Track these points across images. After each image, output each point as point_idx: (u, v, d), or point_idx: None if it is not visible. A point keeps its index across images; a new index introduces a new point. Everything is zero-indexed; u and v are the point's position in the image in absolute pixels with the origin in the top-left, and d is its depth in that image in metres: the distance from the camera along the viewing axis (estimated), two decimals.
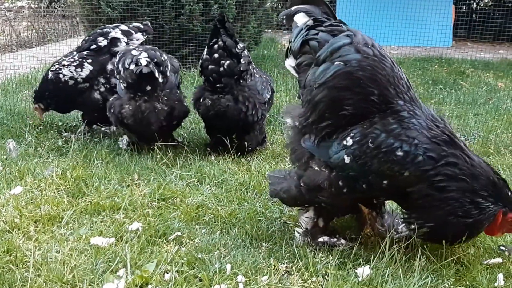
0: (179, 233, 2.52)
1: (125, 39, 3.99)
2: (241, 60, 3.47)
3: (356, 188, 2.25)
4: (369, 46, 2.29)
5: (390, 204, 2.70)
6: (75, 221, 2.69)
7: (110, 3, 5.93)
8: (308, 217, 2.46)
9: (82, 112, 4.20)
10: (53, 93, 4.00)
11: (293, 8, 2.43)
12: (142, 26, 4.13)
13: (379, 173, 2.17)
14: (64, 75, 3.91)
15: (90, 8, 6.15)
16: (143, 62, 3.36)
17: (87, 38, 4.13)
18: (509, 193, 2.18)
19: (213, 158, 3.65)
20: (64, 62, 3.94)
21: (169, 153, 3.59)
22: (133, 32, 4.02)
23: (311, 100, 2.34)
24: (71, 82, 3.92)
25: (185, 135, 4.03)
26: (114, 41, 3.97)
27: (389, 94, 2.25)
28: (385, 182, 2.19)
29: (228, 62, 3.43)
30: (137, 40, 4.03)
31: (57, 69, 3.94)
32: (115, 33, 3.96)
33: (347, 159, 2.22)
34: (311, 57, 2.36)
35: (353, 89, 2.25)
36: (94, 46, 3.97)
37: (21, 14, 10.98)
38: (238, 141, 3.70)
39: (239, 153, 3.66)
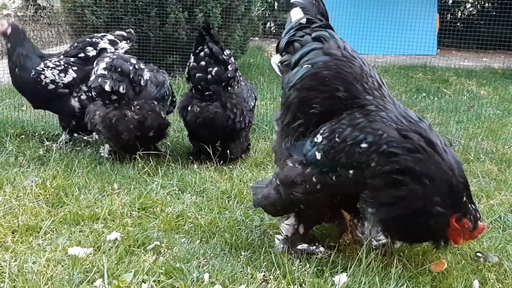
0: (158, 243, 2.51)
1: (112, 49, 4.00)
2: (229, 66, 3.48)
3: (327, 182, 2.26)
4: (339, 49, 2.37)
5: None
6: (54, 231, 2.66)
7: (94, 11, 5.93)
8: (289, 224, 2.47)
9: (59, 119, 4.16)
10: (31, 90, 3.95)
11: (292, 0, 2.48)
12: (125, 34, 4.13)
13: (347, 166, 2.20)
14: (46, 77, 3.88)
15: (75, 17, 6.14)
16: (104, 79, 3.39)
17: (75, 45, 4.11)
18: (465, 199, 2.16)
19: (195, 166, 3.65)
20: (50, 64, 3.91)
21: (151, 162, 3.59)
22: (118, 41, 4.03)
23: (285, 102, 2.46)
24: (51, 86, 3.89)
25: (168, 143, 4.02)
26: (102, 52, 3.97)
27: (356, 90, 2.32)
28: (350, 172, 2.20)
29: (216, 69, 3.44)
30: (121, 48, 4.03)
31: (41, 69, 3.90)
32: (104, 44, 3.96)
33: (318, 155, 2.27)
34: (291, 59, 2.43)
35: (319, 88, 2.35)
36: (82, 55, 3.96)
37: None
38: (223, 149, 3.73)
39: (222, 161, 3.68)
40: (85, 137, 4.14)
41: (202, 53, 3.44)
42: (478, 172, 3.59)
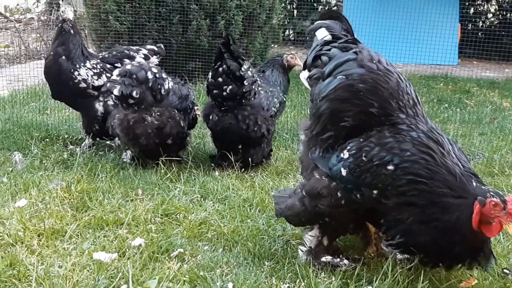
0: (182, 250, 2.52)
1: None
2: (245, 81, 3.54)
3: (352, 199, 2.25)
4: (374, 62, 2.34)
5: None
6: (79, 235, 2.69)
7: (118, 18, 6.01)
8: (313, 235, 2.46)
9: (82, 123, 4.21)
10: (62, 80, 3.99)
11: (317, 23, 2.52)
12: (156, 49, 4.22)
13: (372, 186, 2.17)
14: (79, 74, 3.95)
15: (99, 22, 6.23)
16: (113, 84, 3.52)
17: (114, 53, 4.19)
18: (477, 184, 2.11)
19: (217, 173, 3.66)
20: (88, 64, 3.99)
21: (173, 168, 3.61)
22: (149, 56, 4.11)
23: (315, 113, 2.42)
24: (82, 84, 3.96)
25: (190, 150, 4.04)
26: None
27: (390, 107, 2.27)
28: (375, 192, 2.18)
29: (231, 87, 3.53)
30: (151, 63, 4.10)
31: (79, 66, 3.96)
32: (139, 58, 4.04)
33: (343, 172, 2.25)
34: (321, 71, 2.42)
35: (352, 101, 2.30)
36: (118, 65, 4.02)
37: (30, 26, 11.12)
38: (243, 155, 3.78)
39: (243, 168, 3.70)
40: (107, 142, 4.19)
41: (220, 69, 3.53)
42: (503, 186, 3.53)
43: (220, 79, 3.52)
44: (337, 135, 2.35)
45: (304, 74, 2.57)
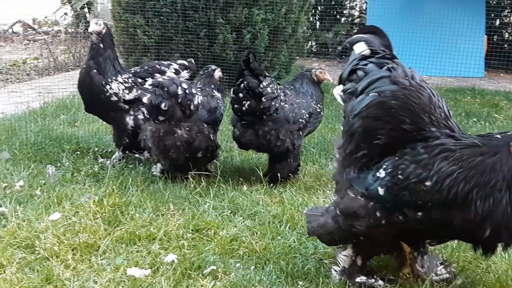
0: (214, 267, 2.52)
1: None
2: (263, 98, 3.59)
3: (393, 219, 2.22)
4: (407, 78, 2.32)
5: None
6: (112, 250, 2.72)
7: (146, 31, 6.11)
8: (346, 255, 2.43)
9: (113, 136, 4.27)
10: (93, 94, 4.06)
11: (356, 36, 2.51)
12: (186, 64, 4.27)
13: (412, 204, 2.14)
14: (111, 88, 4.01)
15: (127, 36, 6.34)
16: (143, 92, 3.60)
17: (145, 67, 4.24)
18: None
19: (245, 188, 3.66)
20: (119, 78, 4.05)
21: (202, 182, 3.62)
22: (180, 70, 4.15)
23: (348, 131, 2.41)
24: (114, 97, 4.02)
25: (218, 164, 4.05)
26: None
27: (422, 122, 2.26)
28: (419, 214, 2.15)
29: (249, 102, 3.60)
30: (182, 77, 4.15)
31: (111, 80, 4.03)
32: (170, 73, 4.09)
33: (381, 191, 2.22)
34: (356, 86, 2.42)
35: (385, 118, 2.29)
36: (149, 80, 4.05)
37: (58, 38, 11.39)
38: (270, 169, 3.83)
39: (272, 183, 3.71)
40: (136, 155, 4.24)
41: (241, 86, 3.61)
42: None
43: (240, 95, 3.61)
44: (371, 153, 2.34)
45: (338, 89, 2.56)
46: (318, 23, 11.29)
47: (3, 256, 2.57)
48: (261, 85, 3.59)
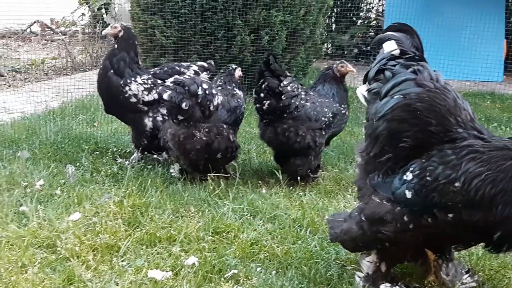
0: (236, 271, 2.50)
1: None
2: (282, 97, 3.65)
3: (422, 223, 2.17)
4: (432, 81, 2.29)
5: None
6: (132, 251, 2.71)
7: (164, 32, 6.12)
8: (370, 261, 2.39)
9: (131, 137, 4.27)
10: (112, 96, 4.06)
11: (387, 34, 2.46)
12: (206, 65, 4.25)
13: (442, 206, 2.10)
14: (130, 89, 4.01)
15: (145, 37, 6.36)
16: (164, 88, 3.55)
17: (165, 68, 4.22)
18: None
19: (264, 191, 3.64)
20: (139, 80, 4.04)
21: (221, 184, 3.61)
22: (200, 72, 4.13)
23: (372, 134, 2.37)
24: (133, 99, 4.01)
25: (236, 166, 4.03)
26: None
27: (449, 124, 2.22)
28: (450, 215, 2.10)
29: (269, 101, 3.67)
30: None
31: (130, 81, 4.02)
32: (189, 74, 4.07)
33: (408, 194, 2.18)
34: (382, 86, 2.39)
35: (411, 121, 2.25)
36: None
37: (75, 38, 11.49)
38: (289, 166, 3.84)
39: (291, 180, 3.76)
40: (154, 156, 4.23)
41: (262, 86, 3.70)
42: None
43: (261, 95, 3.70)
44: (397, 156, 2.30)
45: (362, 88, 2.53)
46: (334, 25, 11.24)
47: (25, 256, 2.57)
48: (281, 84, 3.65)
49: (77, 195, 3.37)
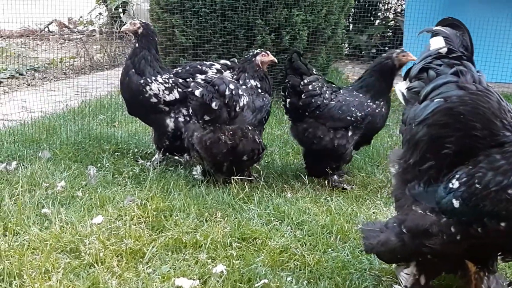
0: (266, 281, 2.39)
1: None
2: (302, 95, 3.65)
3: (470, 233, 2.04)
4: (474, 83, 2.16)
5: None
6: (157, 257, 2.62)
7: (184, 32, 6.04)
8: (409, 273, 2.27)
9: (153, 138, 4.19)
10: (133, 96, 3.98)
11: (436, 28, 2.32)
12: (229, 63, 4.13)
13: (494, 215, 1.97)
14: (151, 89, 3.92)
15: (165, 36, 6.29)
16: (197, 85, 3.44)
17: (187, 67, 4.12)
18: None
19: (289, 195, 3.53)
20: (159, 79, 3.95)
21: (245, 187, 3.51)
22: (222, 70, 4.03)
23: (410, 140, 2.24)
24: (153, 99, 3.92)
25: (260, 169, 3.93)
26: None
27: (495, 127, 2.09)
28: (502, 224, 1.97)
29: (289, 100, 3.73)
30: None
31: (150, 81, 3.93)
32: (211, 74, 3.96)
33: (456, 203, 2.04)
34: (424, 86, 2.26)
35: (454, 125, 2.12)
36: (190, 79, 3.95)
37: (93, 38, 11.51)
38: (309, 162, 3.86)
39: (312, 175, 3.81)
40: (176, 157, 4.15)
41: (287, 84, 3.74)
42: None
43: (286, 92, 3.75)
44: (439, 164, 2.17)
45: (402, 85, 2.40)
46: (351, 26, 11.08)
47: (48, 261, 2.50)
48: (303, 81, 3.66)
49: (99, 197, 3.30)
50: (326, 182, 3.67)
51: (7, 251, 2.57)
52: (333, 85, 3.86)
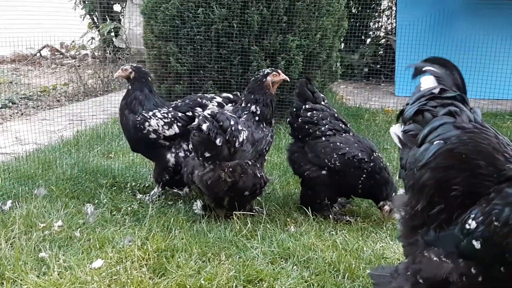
0: None
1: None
2: (299, 119, 3.78)
3: (493, 274, 1.98)
4: (470, 122, 2.13)
5: None
6: None
7: (179, 59, 6.01)
8: None
9: (153, 171, 4.12)
10: (133, 133, 3.96)
11: (426, 67, 2.26)
12: (231, 97, 4.08)
13: None
14: (150, 125, 3.87)
15: (159, 63, 6.26)
16: (205, 119, 3.29)
17: (186, 101, 4.06)
18: None
19: (293, 229, 3.46)
20: (158, 114, 3.91)
21: (247, 222, 3.44)
22: (224, 104, 3.98)
23: (414, 185, 2.17)
24: (152, 135, 3.88)
25: (262, 202, 3.86)
26: None
27: (498, 162, 2.05)
28: None
29: (289, 120, 3.90)
30: (226, 111, 3.97)
31: (148, 117, 3.90)
32: (212, 107, 3.91)
33: (477, 244, 1.97)
34: (420, 128, 2.20)
35: (458, 166, 2.07)
36: (189, 114, 3.91)
37: (85, 62, 11.47)
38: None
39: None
40: (175, 190, 4.08)
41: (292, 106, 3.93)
42: None
43: (291, 113, 3.92)
44: (450, 206, 2.10)
45: (396, 128, 2.35)
46: (342, 45, 11.14)
47: None
48: (303, 107, 3.77)
49: (98, 237, 3.21)
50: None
51: None
52: (343, 125, 3.76)
